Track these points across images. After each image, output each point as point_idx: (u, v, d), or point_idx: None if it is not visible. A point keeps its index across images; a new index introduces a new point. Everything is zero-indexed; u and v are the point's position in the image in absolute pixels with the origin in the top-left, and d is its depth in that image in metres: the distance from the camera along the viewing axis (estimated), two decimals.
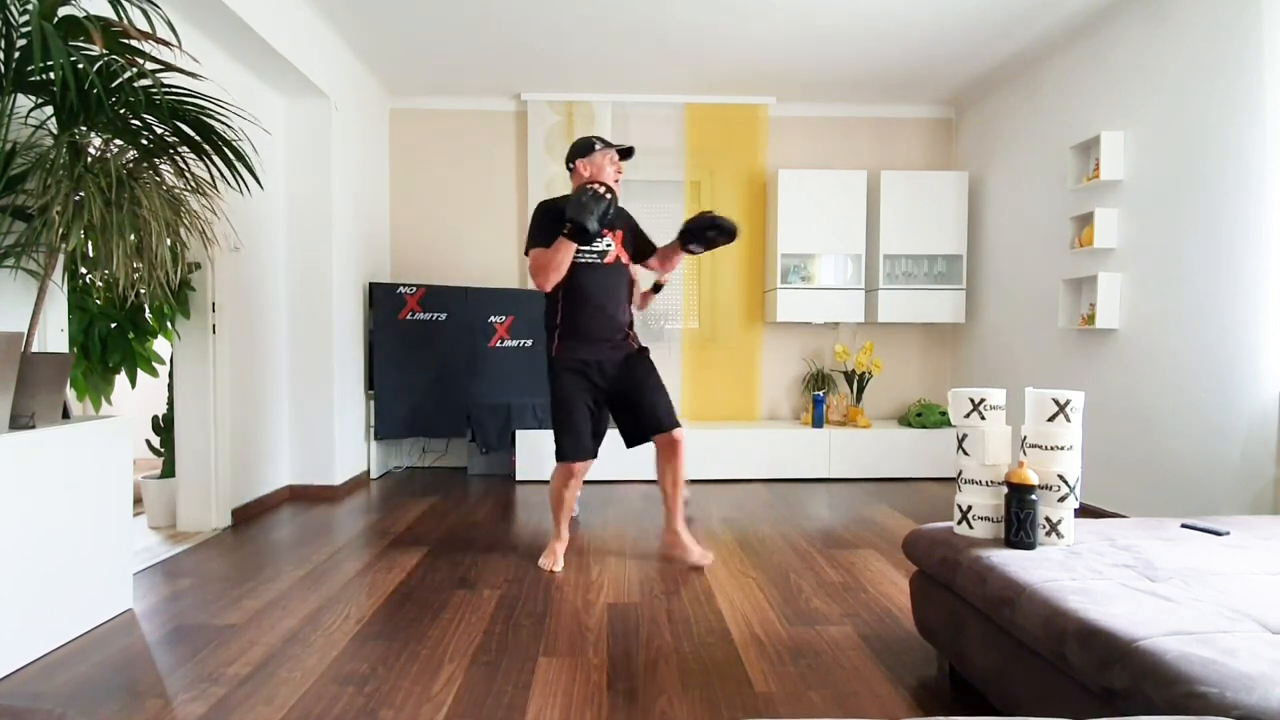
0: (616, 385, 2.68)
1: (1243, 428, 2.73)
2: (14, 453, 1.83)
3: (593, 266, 2.61)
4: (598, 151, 2.64)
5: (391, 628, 2.11)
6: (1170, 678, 1.02)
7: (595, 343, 2.64)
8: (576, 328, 2.63)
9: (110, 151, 1.99)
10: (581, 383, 2.63)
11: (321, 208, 3.78)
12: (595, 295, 2.61)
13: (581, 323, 2.62)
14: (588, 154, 2.65)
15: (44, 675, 1.81)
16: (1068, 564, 1.48)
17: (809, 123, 4.84)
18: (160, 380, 3.17)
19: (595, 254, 2.62)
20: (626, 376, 2.67)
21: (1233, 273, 2.78)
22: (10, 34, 1.77)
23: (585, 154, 2.65)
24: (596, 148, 2.65)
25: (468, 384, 4.35)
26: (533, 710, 1.63)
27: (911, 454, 4.41)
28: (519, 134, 4.77)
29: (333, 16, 3.58)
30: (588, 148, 2.65)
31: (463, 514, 3.52)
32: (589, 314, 2.62)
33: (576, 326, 2.62)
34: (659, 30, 3.74)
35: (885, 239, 4.54)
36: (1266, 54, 2.65)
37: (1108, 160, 3.32)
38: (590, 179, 2.61)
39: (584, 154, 2.65)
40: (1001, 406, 1.71)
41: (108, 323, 2.72)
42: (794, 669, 1.85)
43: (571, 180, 2.72)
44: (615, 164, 2.67)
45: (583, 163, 2.65)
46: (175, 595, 2.38)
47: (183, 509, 3.15)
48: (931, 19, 3.59)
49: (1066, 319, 3.63)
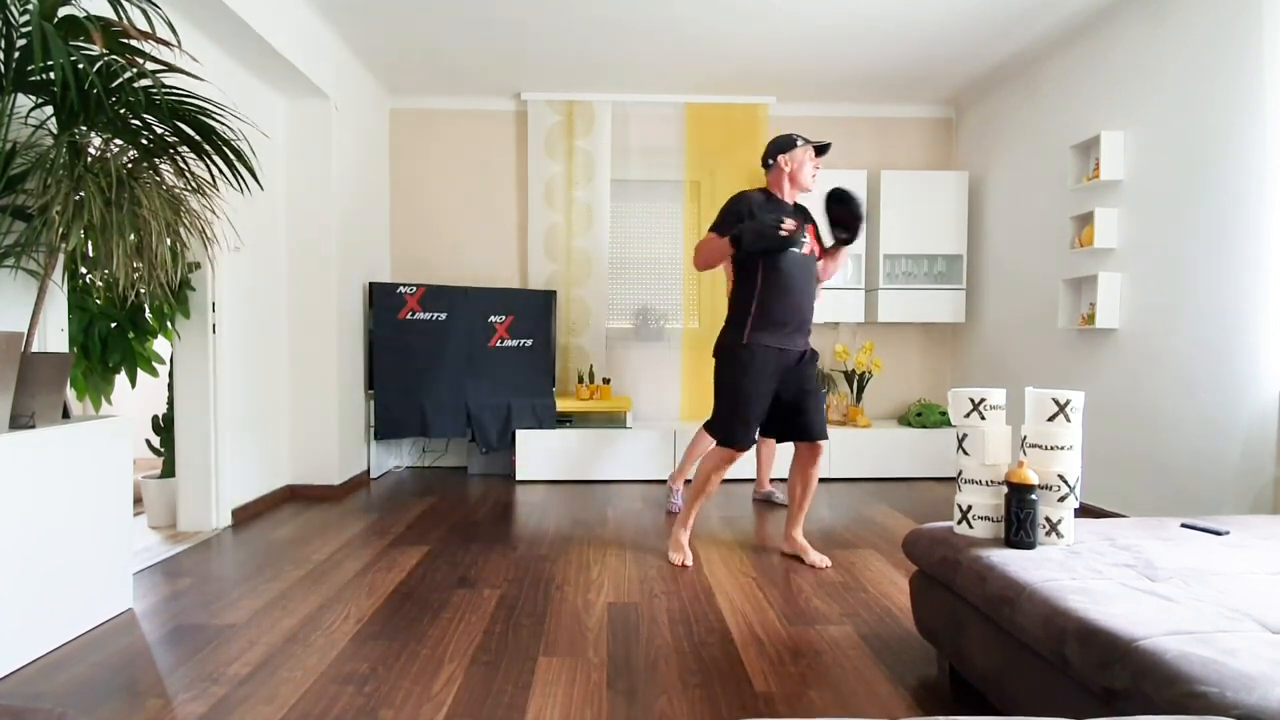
0: (789, 379, 2.63)
1: (1243, 427, 2.73)
2: (14, 453, 1.83)
3: (794, 256, 2.57)
4: (799, 148, 2.61)
5: (391, 628, 2.11)
6: (1170, 677, 1.02)
7: (788, 331, 2.60)
8: (772, 314, 2.57)
9: (110, 151, 1.99)
10: (767, 369, 2.58)
11: (321, 208, 3.78)
12: (795, 283, 2.57)
13: (778, 309, 2.57)
14: (789, 150, 2.62)
15: (44, 675, 1.81)
16: (1068, 564, 1.48)
17: (809, 123, 4.83)
18: (160, 380, 3.17)
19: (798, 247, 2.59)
20: (800, 373, 2.64)
21: (1233, 272, 2.78)
22: (10, 34, 1.77)
23: (787, 149, 2.62)
24: (799, 144, 2.62)
25: (468, 384, 4.35)
26: (533, 710, 1.63)
27: (911, 454, 4.41)
28: (519, 134, 4.77)
29: (332, 16, 3.58)
30: (789, 144, 2.63)
31: (463, 514, 3.52)
32: (788, 301, 2.57)
33: (772, 313, 2.57)
34: (659, 30, 3.74)
35: (885, 239, 4.54)
36: (1266, 54, 2.65)
37: (1108, 160, 3.32)
38: (791, 174, 2.62)
39: (786, 149, 2.62)
40: (1001, 406, 1.71)
41: (108, 323, 2.72)
42: (794, 669, 1.85)
43: (768, 175, 2.70)
44: (814, 160, 2.63)
45: (784, 157, 2.62)
46: (175, 595, 2.38)
47: (183, 509, 3.15)
48: (932, 19, 3.59)
49: (1066, 319, 3.63)
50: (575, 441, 4.31)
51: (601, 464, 4.32)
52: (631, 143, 4.75)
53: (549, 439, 4.30)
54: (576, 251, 4.70)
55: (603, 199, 4.69)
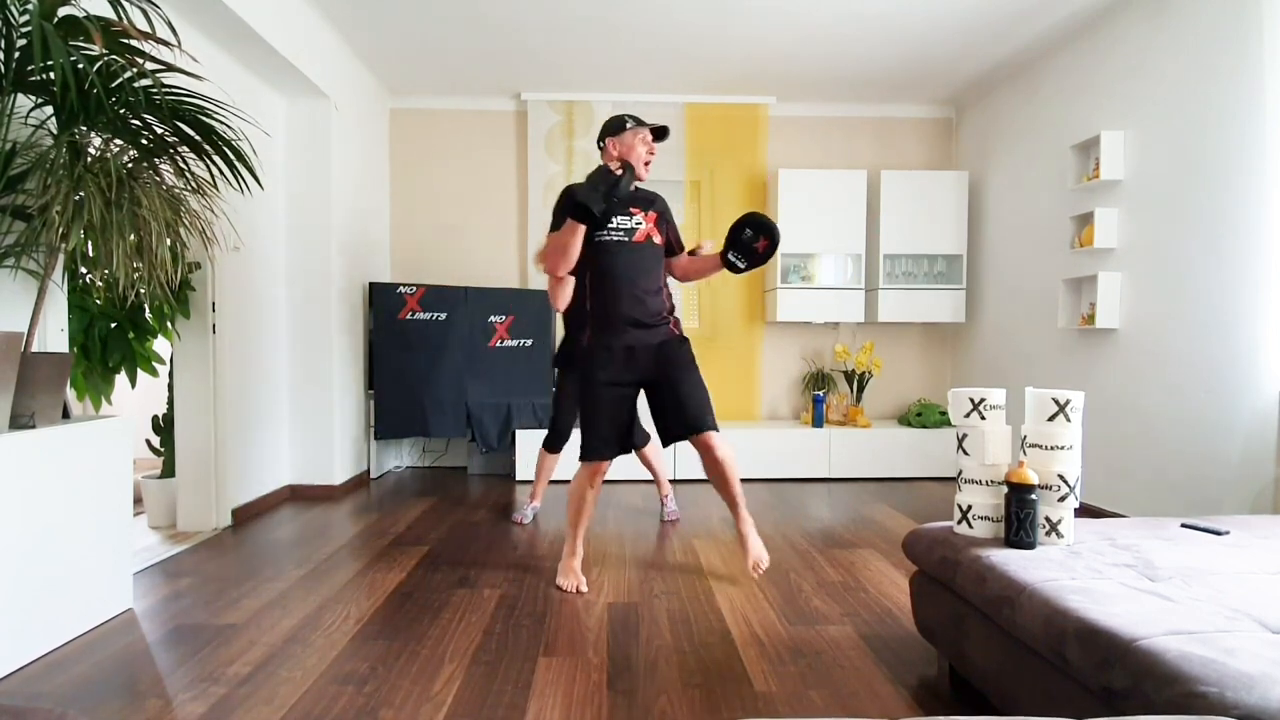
0: (649, 375, 2.46)
1: (1243, 428, 2.73)
2: (14, 453, 1.83)
3: (619, 245, 2.44)
4: (629, 130, 2.46)
5: (391, 628, 2.11)
6: (1170, 677, 1.02)
7: (624, 328, 2.44)
8: (603, 312, 2.45)
9: (110, 151, 1.99)
10: (607, 373, 2.44)
11: (321, 208, 3.78)
12: (622, 275, 2.43)
13: (608, 306, 2.44)
14: (618, 133, 2.47)
15: (44, 675, 1.81)
16: (1068, 564, 1.48)
17: (809, 122, 4.84)
18: (160, 380, 3.18)
19: (621, 232, 2.44)
20: (660, 366, 2.45)
21: (1233, 272, 2.78)
22: (10, 34, 1.77)
23: (615, 133, 2.47)
24: (628, 126, 2.47)
25: (468, 384, 4.35)
26: (533, 710, 1.63)
27: (911, 454, 4.41)
28: (519, 134, 4.77)
29: (333, 16, 3.58)
30: (618, 126, 2.48)
31: (463, 514, 3.52)
32: (615, 296, 2.43)
33: (603, 310, 2.45)
34: (659, 30, 3.74)
35: (885, 239, 4.54)
36: (1266, 54, 2.65)
37: (1108, 160, 3.32)
38: (619, 158, 2.44)
39: (614, 133, 2.48)
40: (1001, 406, 1.71)
41: (108, 323, 2.72)
42: (794, 669, 1.85)
43: (601, 160, 2.54)
44: (648, 143, 2.47)
45: (612, 141, 2.48)
46: (175, 595, 2.38)
47: (183, 509, 3.15)
48: (932, 19, 3.59)
49: (1066, 319, 3.63)
50: (575, 441, 4.29)
51: None
52: None
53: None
54: None
55: None
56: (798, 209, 4.50)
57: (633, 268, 2.45)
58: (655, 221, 2.53)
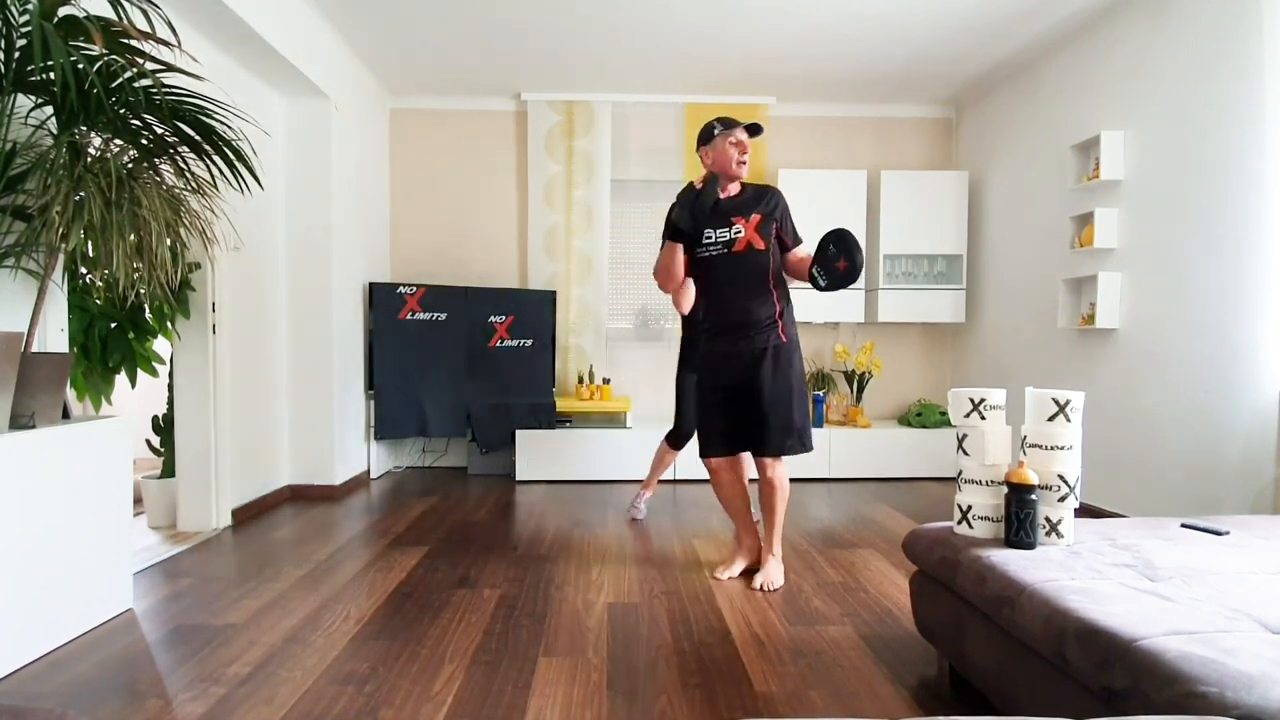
0: (746, 380, 2.48)
1: (1243, 428, 2.73)
2: (14, 453, 1.83)
3: (718, 258, 2.47)
4: (717, 135, 2.46)
5: (391, 628, 2.11)
6: (1170, 677, 1.02)
7: (729, 335, 2.50)
8: (710, 320, 2.55)
9: (110, 151, 1.99)
10: (714, 377, 2.55)
11: (321, 208, 3.78)
12: (724, 286, 2.49)
13: (714, 315, 2.54)
14: (708, 141, 2.49)
15: (44, 675, 1.81)
16: (1068, 564, 1.48)
17: (809, 123, 4.84)
18: (160, 380, 3.17)
19: (720, 245, 2.46)
20: (754, 374, 2.46)
21: (1233, 272, 2.78)
22: (10, 34, 1.77)
23: (706, 141, 2.50)
24: (716, 132, 2.47)
25: (468, 384, 4.35)
26: (533, 710, 1.63)
27: (911, 454, 4.41)
28: (519, 134, 4.77)
29: (333, 16, 3.58)
30: (707, 134, 2.49)
31: (463, 514, 3.52)
32: (719, 306, 2.52)
33: (710, 319, 2.55)
34: (659, 30, 3.73)
35: (885, 239, 4.54)
36: (1266, 54, 2.65)
37: (1108, 160, 3.32)
38: (714, 167, 2.47)
39: (705, 142, 2.50)
40: (1001, 406, 1.71)
41: (108, 323, 2.72)
42: (794, 669, 1.85)
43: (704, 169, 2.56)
44: (738, 143, 2.46)
45: (704, 150, 2.50)
46: (175, 595, 2.38)
47: (183, 509, 3.15)
48: (932, 19, 3.59)
49: (1066, 319, 3.63)
50: (575, 441, 4.31)
51: (601, 464, 4.32)
52: (631, 143, 4.75)
53: (549, 439, 4.30)
54: (576, 251, 4.71)
55: (603, 199, 4.69)
56: (797, 209, 4.41)
57: (734, 279, 2.49)
58: (758, 226, 2.46)
